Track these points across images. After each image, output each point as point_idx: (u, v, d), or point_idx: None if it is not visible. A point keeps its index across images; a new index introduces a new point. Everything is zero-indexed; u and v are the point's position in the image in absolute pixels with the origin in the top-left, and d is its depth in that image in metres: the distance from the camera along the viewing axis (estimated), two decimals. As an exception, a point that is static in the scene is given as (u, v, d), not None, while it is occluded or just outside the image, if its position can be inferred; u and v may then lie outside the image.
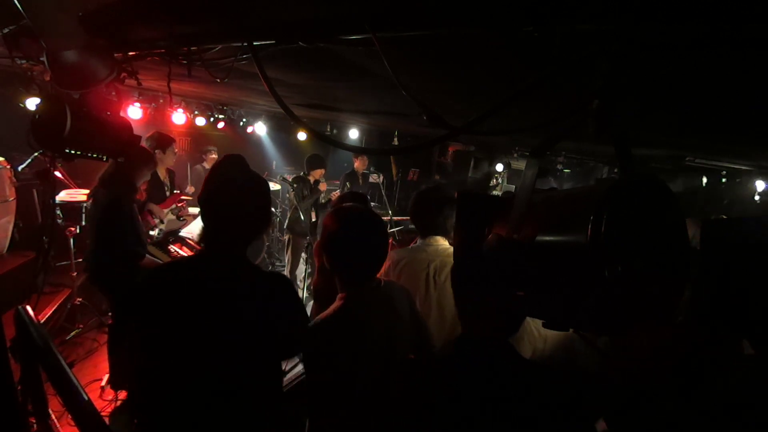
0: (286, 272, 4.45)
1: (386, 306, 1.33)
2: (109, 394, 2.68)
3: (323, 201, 4.52)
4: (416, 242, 1.95)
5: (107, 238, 2.48)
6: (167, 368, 1.14)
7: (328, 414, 1.24)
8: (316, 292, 2.17)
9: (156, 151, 3.56)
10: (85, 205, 3.60)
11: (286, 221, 4.51)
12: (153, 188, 3.63)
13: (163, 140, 3.62)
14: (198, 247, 2.87)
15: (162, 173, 3.78)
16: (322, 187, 4.32)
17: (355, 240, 1.27)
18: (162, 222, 3.64)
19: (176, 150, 3.82)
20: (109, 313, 3.14)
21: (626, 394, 1.25)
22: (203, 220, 1.24)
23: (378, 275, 1.38)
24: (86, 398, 1.28)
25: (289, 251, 4.44)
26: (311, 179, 4.36)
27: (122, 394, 2.63)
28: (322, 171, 4.40)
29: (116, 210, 2.46)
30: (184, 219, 4.04)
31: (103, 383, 2.78)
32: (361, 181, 5.49)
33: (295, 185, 4.25)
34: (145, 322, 1.16)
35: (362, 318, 1.26)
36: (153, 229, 3.57)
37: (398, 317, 1.36)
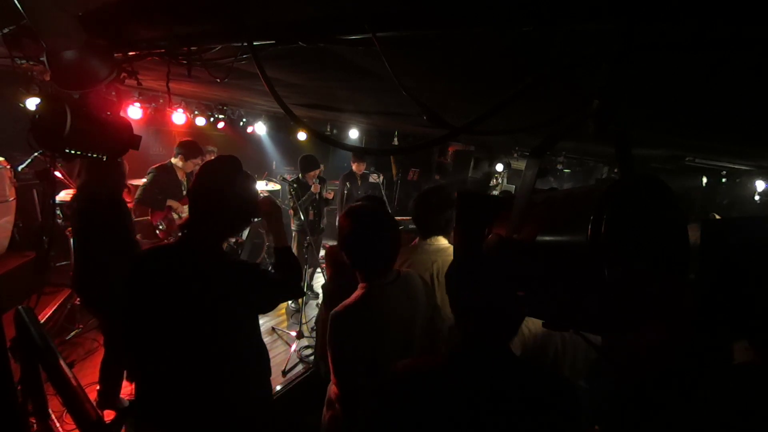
0: None
1: (404, 295, 1.44)
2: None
3: (326, 198, 4.56)
4: (416, 242, 1.95)
5: (107, 239, 2.46)
6: (152, 348, 1.28)
7: (357, 390, 1.31)
8: (327, 293, 2.18)
9: (179, 155, 3.90)
10: (65, 206, 3.62)
11: (291, 221, 4.55)
12: (170, 186, 3.85)
13: (191, 151, 3.93)
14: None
15: (180, 174, 3.98)
16: (315, 189, 4.34)
17: (367, 235, 1.37)
18: (179, 216, 3.82)
19: (200, 162, 3.96)
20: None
21: (625, 393, 1.25)
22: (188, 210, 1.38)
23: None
24: (86, 398, 1.28)
25: (295, 247, 4.53)
26: (308, 181, 4.41)
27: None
28: (317, 172, 4.43)
29: (114, 209, 2.45)
30: None
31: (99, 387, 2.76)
32: (359, 182, 5.50)
33: (294, 186, 4.28)
34: (131, 306, 1.29)
35: (381, 305, 1.36)
36: (160, 225, 3.68)
37: (415, 305, 1.46)
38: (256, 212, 1.47)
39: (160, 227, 3.73)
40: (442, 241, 1.87)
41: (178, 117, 4.76)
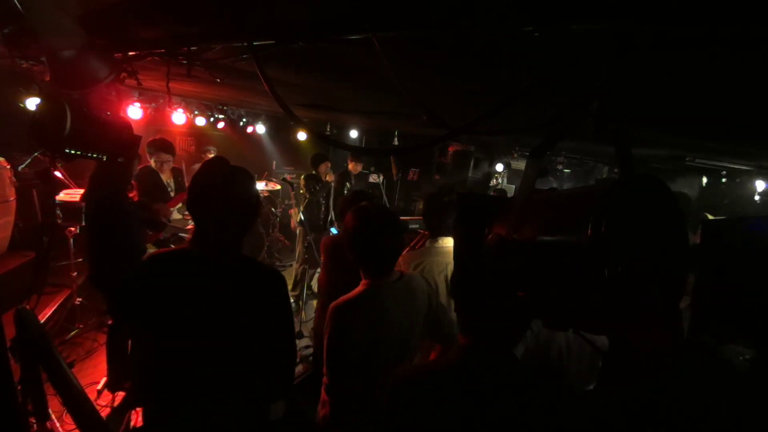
0: (296, 265, 4.66)
1: (404, 296, 1.45)
2: (106, 397, 2.66)
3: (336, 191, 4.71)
4: (424, 243, 1.96)
5: (112, 236, 2.46)
6: (163, 359, 1.21)
7: (345, 390, 1.32)
8: (320, 290, 2.19)
9: (154, 154, 3.60)
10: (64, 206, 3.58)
11: (299, 216, 4.62)
12: (156, 189, 3.64)
13: (163, 145, 3.63)
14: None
15: (165, 176, 3.77)
16: (329, 178, 4.53)
17: (371, 235, 1.39)
18: (168, 220, 3.70)
19: (170, 159, 3.72)
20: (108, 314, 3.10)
21: (625, 393, 1.25)
22: (194, 222, 1.32)
23: (397, 268, 1.50)
24: (86, 398, 1.28)
25: (299, 245, 4.63)
26: (321, 175, 4.62)
27: (119, 397, 2.62)
28: (328, 164, 4.62)
29: (119, 207, 2.45)
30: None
31: (99, 386, 2.76)
32: (353, 181, 5.48)
33: (305, 183, 4.49)
34: (141, 315, 1.22)
35: (381, 304, 1.38)
36: (165, 230, 3.62)
37: (415, 307, 1.46)
38: (259, 207, 1.44)
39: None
40: (452, 243, 1.88)
41: (178, 117, 4.76)
